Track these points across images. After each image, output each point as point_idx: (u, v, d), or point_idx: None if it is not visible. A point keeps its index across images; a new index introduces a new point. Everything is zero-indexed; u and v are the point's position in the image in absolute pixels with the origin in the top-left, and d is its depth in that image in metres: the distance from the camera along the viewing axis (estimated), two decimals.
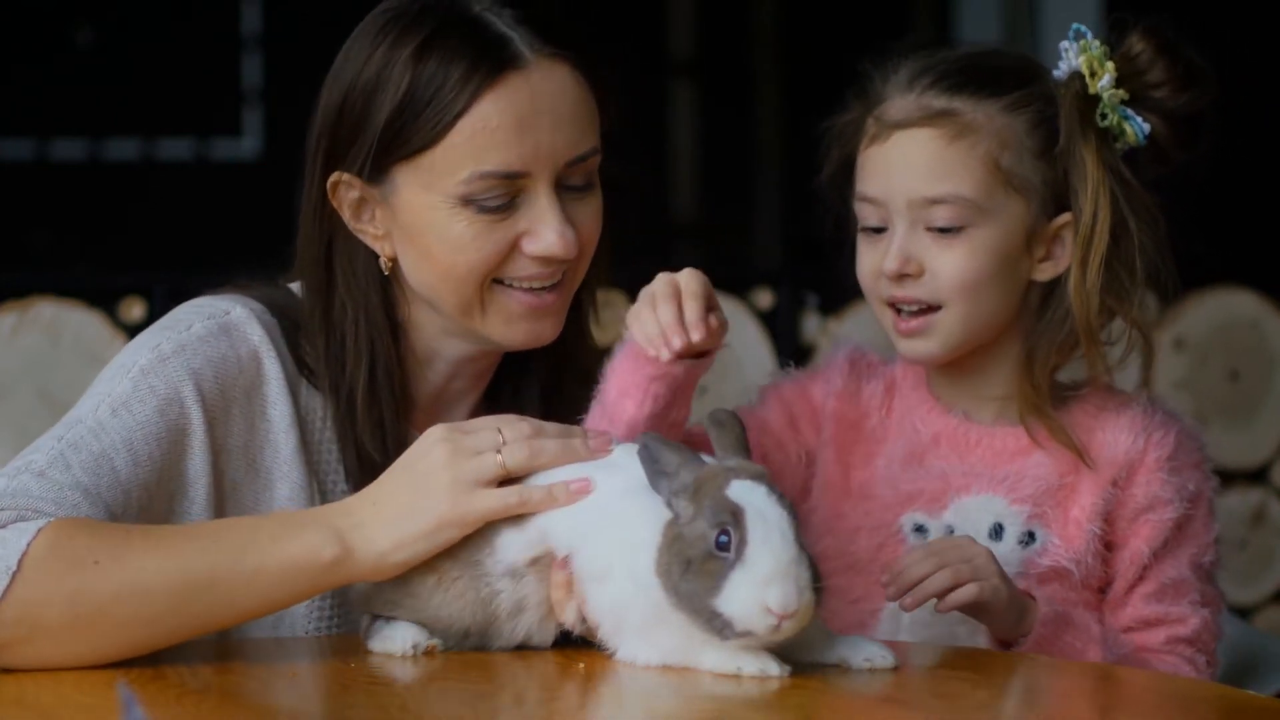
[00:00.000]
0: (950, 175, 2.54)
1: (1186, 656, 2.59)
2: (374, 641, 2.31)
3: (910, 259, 2.55)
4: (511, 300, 2.50)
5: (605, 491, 2.24)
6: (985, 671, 2.35)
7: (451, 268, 2.48)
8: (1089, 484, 2.58)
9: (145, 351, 2.45)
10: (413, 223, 2.48)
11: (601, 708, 2.16)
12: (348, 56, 2.50)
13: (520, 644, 2.29)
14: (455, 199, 2.45)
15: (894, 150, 2.56)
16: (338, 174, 2.50)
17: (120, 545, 2.23)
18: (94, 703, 2.11)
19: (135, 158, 5.89)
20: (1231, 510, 4.52)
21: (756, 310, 4.37)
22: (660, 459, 2.17)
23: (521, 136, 2.44)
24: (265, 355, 2.50)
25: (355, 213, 2.52)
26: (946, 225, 2.54)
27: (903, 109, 2.57)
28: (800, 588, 2.10)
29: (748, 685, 2.12)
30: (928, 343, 2.58)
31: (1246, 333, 4.56)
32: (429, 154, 2.45)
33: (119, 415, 2.39)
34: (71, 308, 3.92)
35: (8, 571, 2.20)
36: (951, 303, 2.56)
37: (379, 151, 2.46)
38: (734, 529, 2.10)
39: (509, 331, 2.52)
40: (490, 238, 2.46)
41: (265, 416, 2.50)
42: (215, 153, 5.87)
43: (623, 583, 2.17)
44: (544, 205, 2.47)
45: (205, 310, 2.51)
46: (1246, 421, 4.57)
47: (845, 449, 2.64)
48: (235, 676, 2.23)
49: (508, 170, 2.44)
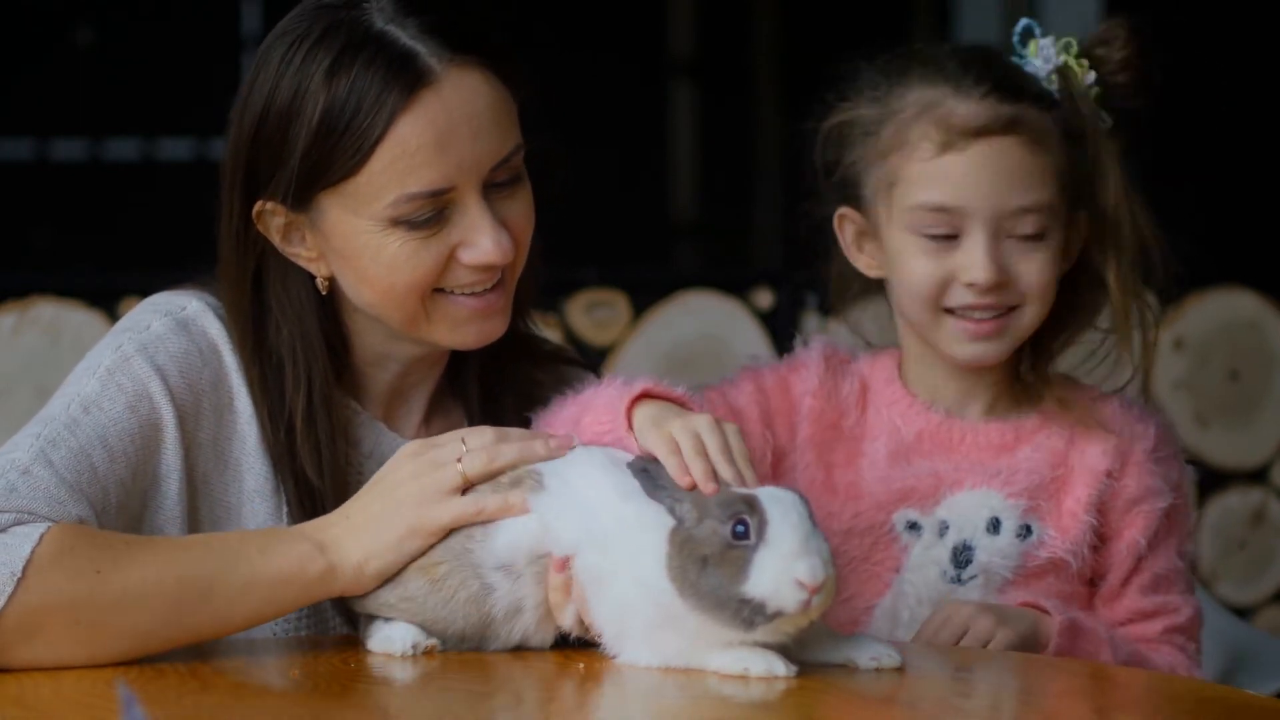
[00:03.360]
0: (1037, 184, 2.54)
1: (1179, 645, 2.62)
2: (373, 642, 2.31)
3: (1001, 268, 2.54)
4: (455, 306, 2.48)
5: (606, 493, 2.25)
6: (987, 672, 2.35)
7: (390, 288, 2.45)
8: (1082, 475, 2.59)
9: (109, 353, 2.45)
10: (344, 246, 2.45)
11: (602, 708, 2.16)
12: (255, 82, 2.45)
13: (518, 646, 2.29)
14: (384, 221, 2.42)
15: (978, 158, 2.53)
16: (261, 203, 2.46)
17: (121, 555, 2.25)
18: (94, 703, 2.11)
19: (135, 158, 5.88)
20: (1231, 510, 4.52)
21: (756, 310, 4.37)
22: (657, 475, 2.19)
23: (444, 153, 2.40)
24: (224, 348, 2.50)
25: (284, 236, 2.48)
26: (1033, 233, 2.54)
27: (976, 115, 2.54)
28: (824, 560, 2.11)
29: (753, 685, 2.12)
30: (999, 345, 2.58)
31: (1246, 333, 4.56)
32: (352, 181, 2.41)
33: (90, 413, 2.39)
34: (71, 308, 3.92)
35: (12, 577, 2.21)
36: (1028, 306, 2.56)
37: (301, 182, 2.42)
38: (751, 515, 2.11)
39: (457, 336, 2.51)
40: (425, 254, 2.43)
41: (232, 408, 2.50)
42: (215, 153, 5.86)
43: (626, 587, 2.18)
44: (475, 214, 2.44)
45: (162, 308, 2.51)
46: (1246, 421, 4.57)
47: (826, 449, 2.64)
48: (235, 676, 2.23)
49: (432, 189, 2.40)
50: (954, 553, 2.58)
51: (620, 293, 4.42)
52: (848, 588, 2.58)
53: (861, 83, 2.63)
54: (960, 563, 2.58)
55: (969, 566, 2.57)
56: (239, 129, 2.47)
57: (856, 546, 2.59)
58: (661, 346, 4.40)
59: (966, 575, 2.57)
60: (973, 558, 2.57)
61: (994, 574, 2.58)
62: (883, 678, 2.19)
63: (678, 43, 6.86)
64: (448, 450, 2.31)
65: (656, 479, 2.18)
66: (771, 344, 4.32)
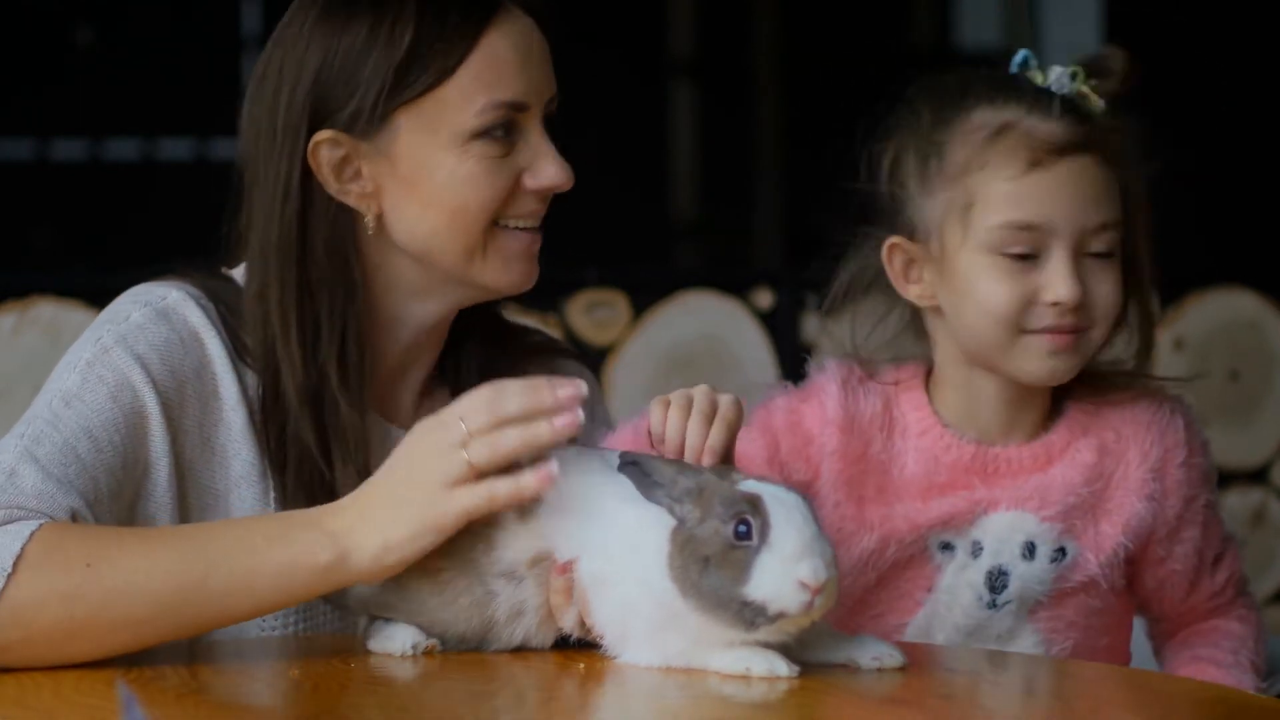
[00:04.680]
0: (1111, 201, 2.54)
1: (1244, 596, 2.73)
2: (373, 642, 2.31)
3: (1083, 286, 2.53)
4: (512, 240, 2.53)
5: (607, 496, 2.24)
6: (990, 672, 2.35)
7: (462, 208, 2.49)
8: (1120, 499, 2.59)
9: (88, 346, 2.45)
10: (415, 169, 2.49)
11: (604, 708, 2.16)
12: (308, 26, 2.50)
13: (518, 647, 2.29)
14: (466, 134, 2.47)
15: (1063, 176, 2.52)
16: (323, 133, 2.49)
17: (113, 547, 2.23)
18: (94, 703, 2.11)
19: (135, 158, 5.89)
20: (1231, 510, 4.52)
21: (756, 310, 4.37)
22: (652, 471, 2.18)
23: (526, 68, 2.50)
24: (206, 335, 2.50)
25: (338, 173, 2.50)
26: (1107, 250, 2.54)
27: (1059, 133, 2.53)
28: (827, 561, 2.11)
29: (755, 685, 2.12)
30: (1073, 360, 2.56)
31: (1246, 333, 4.56)
32: (439, 91, 2.47)
33: (72, 406, 2.39)
34: (71, 308, 3.92)
35: (2, 573, 2.20)
36: (1099, 325, 2.56)
37: (382, 99, 2.48)
38: (754, 516, 2.11)
39: (506, 274, 2.54)
40: (498, 174, 2.49)
41: (217, 395, 2.50)
42: (215, 153, 5.87)
43: (628, 588, 2.17)
44: (539, 140, 2.52)
45: (142, 298, 2.51)
46: (1246, 421, 4.57)
47: (856, 484, 2.59)
48: (235, 676, 2.23)
49: (516, 99, 2.49)
50: (988, 577, 2.56)
51: (620, 293, 4.42)
52: (878, 604, 2.57)
53: (913, 108, 2.60)
54: (996, 588, 2.57)
55: (1004, 592, 2.57)
56: (294, 71, 2.50)
57: (890, 562, 2.58)
58: (661, 347, 4.41)
59: (1001, 600, 2.57)
60: (1008, 583, 2.56)
61: (1028, 597, 2.57)
62: (885, 678, 2.19)
63: (678, 43, 6.87)
64: (450, 433, 2.25)
65: (649, 474, 2.17)
66: (771, 344, 4.32)
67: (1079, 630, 2.59)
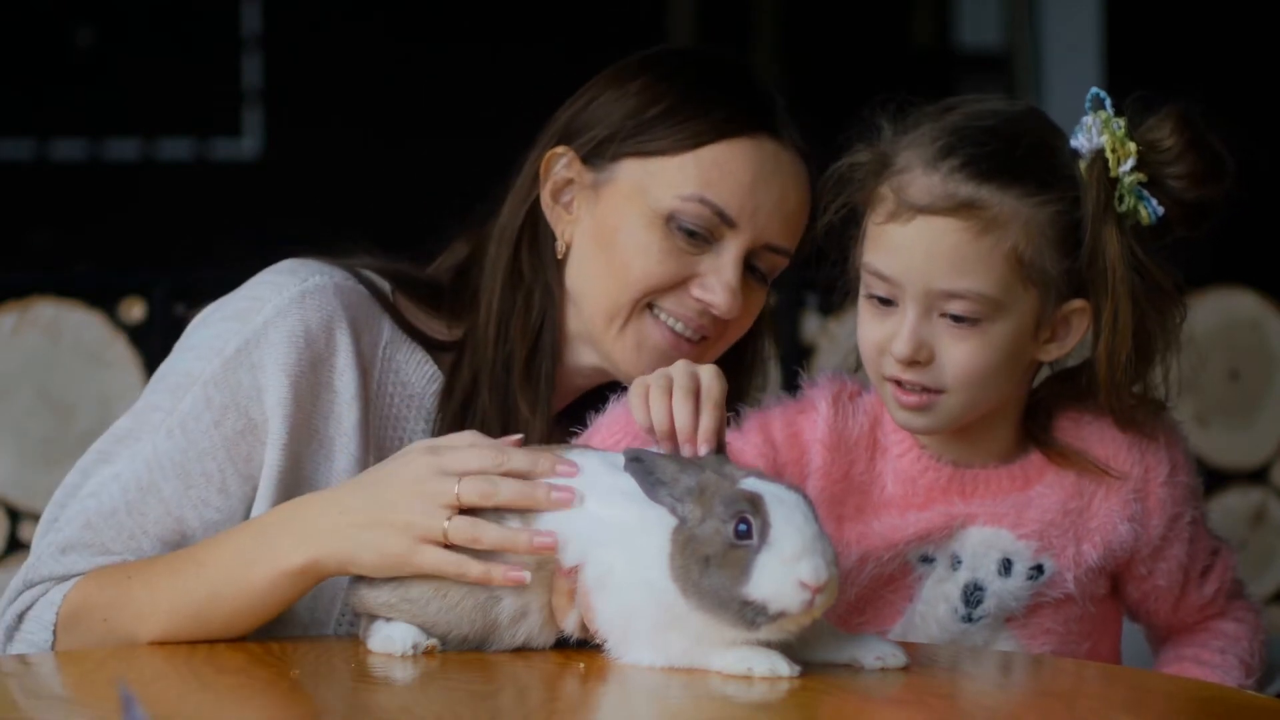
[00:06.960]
0: (972, 271, 2.45)
1: (1240, 599, 2.69)
2: (374, 641, 2.31)
3: (922, 345, 2.47)
4: (655, 330, 2.59)
5: (609, 499, 2.24)
6: (991, 672, 2.35)
7: (624, 270, 2.57)
8: (1103, 516, 2.57)
9: (212, 359, 2.51)
10: (611, 217, 2.58)
11: (605, 708, 2.16)
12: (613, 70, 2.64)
13: (520, 648, 2.29)
14: (664, 211, 2.56)
15: (915, 234, 2.46)
16: (562, 146, 2.60)
17: (122, 595, 2.40)
18: (94, 703, 2.11)
19: (135, 158, 5.88)
20: (1231, 510, 4.52)
21: None
22: (655, 469, 2.18)
23: (752, 192, 2.56)
24: (337, 328, 2.55)
25: (557, 191, 2.62)
26: (963, 315, 2.46)
27: (927, 191, 2.46)
28: (827, 561, 2.11)
29: (756, 685, 2.12)
30: (927, 419, 2.51)
31: (1246, 333, 4.56)
32: (665, 159, 2.56)
33: (174, 437, 2.49)
34: (71, 308, 3.91)
35: (47, 644, 2.41)
36: (956, 390, 2.49)
37: (618, 137, 2.57)
38: (754, 515, 2.11)
39: (635, 359, 2.59)
40: (671, 263, 2.57)
41: (331, 388, 2.55)
42: (215, 153, 5.86)
43: (630, 590, 2.18)
44: (728, 261, 2.57)
45: (284, 280, 2.55)
46: (1246, 421, 4.56)
47: (836, 503, 2.58)
48: (235, 676, 2.23)
49: (725, 210, 2.55)
50: (965, 591, 2.56)
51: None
52: (860, 614, 2.57)
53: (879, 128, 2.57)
54: (971, 602, 2.56)
55: (980, 606, 2.56)
56: (586, 93, 2.63)
57: (870, 575, 2.57)
58: None
59: (977, 615, 2.56)
60: (984, 599, 2.56)
61: (1004, 612, 2.57)
62: (887, 677, 2.19)
63: (678, 43, 6.86)
64: (455, 458, 2.29)
65: (653, 472, 2.17)
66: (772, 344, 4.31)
67: (1057, 637, 2.58)
